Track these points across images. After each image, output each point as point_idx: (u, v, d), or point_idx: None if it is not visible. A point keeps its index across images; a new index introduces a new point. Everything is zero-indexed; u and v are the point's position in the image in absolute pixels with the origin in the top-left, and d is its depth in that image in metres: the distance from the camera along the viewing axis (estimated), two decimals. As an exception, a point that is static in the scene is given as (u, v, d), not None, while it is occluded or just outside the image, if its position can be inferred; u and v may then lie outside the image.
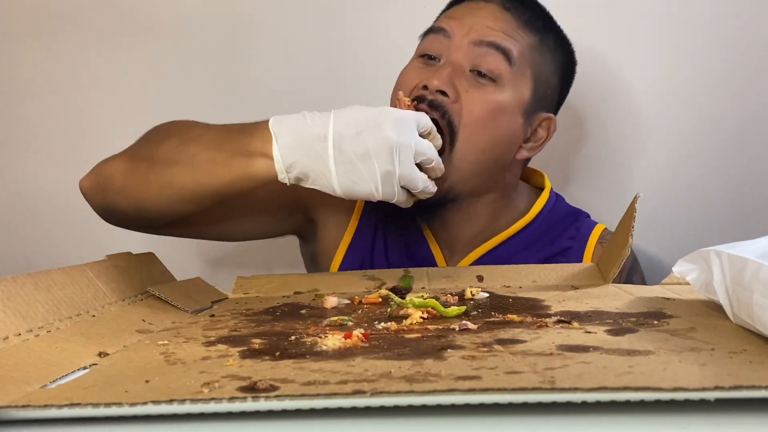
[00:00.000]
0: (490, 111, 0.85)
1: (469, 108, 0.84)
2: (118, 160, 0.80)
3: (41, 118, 1.25)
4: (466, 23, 0.87)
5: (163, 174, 0.75)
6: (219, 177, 0.73)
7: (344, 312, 0.66)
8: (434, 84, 0.82)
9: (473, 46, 0.86)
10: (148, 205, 0.77)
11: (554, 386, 0.36)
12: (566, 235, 0.95)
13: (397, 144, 0.69)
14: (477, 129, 0.84)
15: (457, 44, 0.86)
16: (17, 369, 0.43)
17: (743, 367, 0.40)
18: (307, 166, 0.71)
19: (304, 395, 0.36)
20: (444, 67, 0.85)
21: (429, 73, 0.85)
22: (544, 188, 0.98)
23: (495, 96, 0.85)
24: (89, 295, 0.61)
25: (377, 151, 0.69)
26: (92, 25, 1.23)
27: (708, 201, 1.16)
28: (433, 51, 0.88)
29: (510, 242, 0.94)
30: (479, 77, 0.85)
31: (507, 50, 0.85)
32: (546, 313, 0.60)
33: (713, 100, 1.14)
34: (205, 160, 0.73)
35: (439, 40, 0.87)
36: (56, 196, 1.25)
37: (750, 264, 0.48)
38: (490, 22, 0.87)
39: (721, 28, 1.13)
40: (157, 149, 0.77)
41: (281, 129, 0.71)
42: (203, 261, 1.24)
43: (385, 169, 0.69)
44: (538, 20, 0.90)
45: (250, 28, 1.21)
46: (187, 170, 0.74)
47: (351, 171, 0.70)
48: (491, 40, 0.85)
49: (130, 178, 0.77)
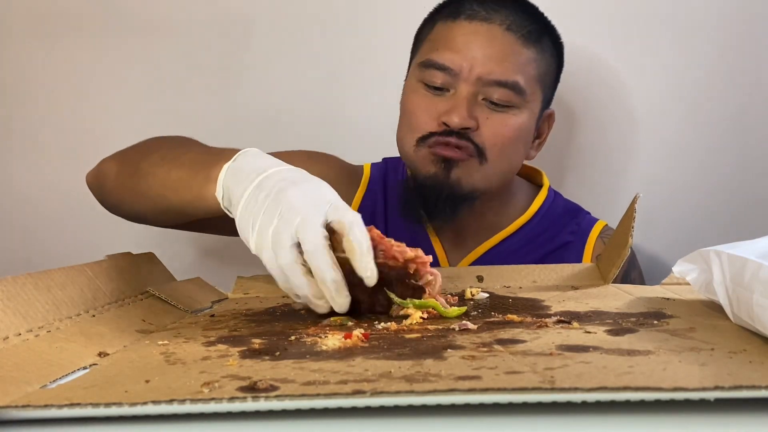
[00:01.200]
0: (512, 134, 0.87)
1: (492, 132, 0.86)
2: (112, 162, 0.83)
3: (41, 118, 1.25)
4: (468, 57, 0.86)
5: (140, 184, 0.76)
6: (180, 195, 0.70)
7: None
8: (456, 122, 0.84)
9: (481, 83, 0.86)
10: (129, 208, 0.80)
11: (554, 386, 0.36)
12: (567, 230, 0.96)
13: (303, 227, 0.57)
14: (502, 150, 0.87)
15: (465, 78, 0.86)
16: (17, 369, 0.43)
17: (743, 367, 0.40)
18: (232, 189, 0.64)
19: (304, 395, 0.36)
20: (460, 102, 0.85)
21: (443, 104, 0.86)
22: (543, 186, 1.00)
23: (514, 120, 0.87)
24: (89, 295, 0.61)
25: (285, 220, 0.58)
26: (92, 25, 1.23)
27: (708, 201, 1.16)
28: (439, 83, 0.87)
29: (511, 239, 0.95)
30: (493, 105, 0.87)
31: (515, 85, 0.86)
32: (546, 313, 0.60)
33: (714, 100, 1.14)
34: (175, 177, 0.71)
35: (443, 76, 0.87)
36: (56, 196, 1.25)
37: (750, 264, 0.48)
38: (494, 50, 0.86)
39: (719, 27, 1.13)
40: (143, 160, 0.78)
41: (241, 158, 0.66)
42: (203, 261, 1.24)
43: (280, 246, 0.58)
44: (536, 28, 0.89)
45: (250, 28, 1.21)
46: (159, 185, 0.73)
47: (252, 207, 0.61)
48: (498, 79, 0.86)
49: (117, 181, 0.80)
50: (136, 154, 0.82)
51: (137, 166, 0.77)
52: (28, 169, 1.26)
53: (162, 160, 0.75)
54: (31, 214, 1.26)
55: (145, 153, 0.80)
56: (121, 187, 0.80)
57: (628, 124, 1.16)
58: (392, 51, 1.17)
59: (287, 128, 1.22)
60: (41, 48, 1.24)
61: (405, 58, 0.96)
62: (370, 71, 1.19)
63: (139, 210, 0.79)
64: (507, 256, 0.93)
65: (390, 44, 1.17)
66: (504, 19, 0.87)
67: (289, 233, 0.58)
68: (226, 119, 1.22)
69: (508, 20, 0.87)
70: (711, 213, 1.16)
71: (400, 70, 0.98)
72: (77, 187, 1.24)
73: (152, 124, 1.24)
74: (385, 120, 1.02)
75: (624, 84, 1.16)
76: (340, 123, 1.21)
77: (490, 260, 0.94)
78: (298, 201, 0.59)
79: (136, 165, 0.78)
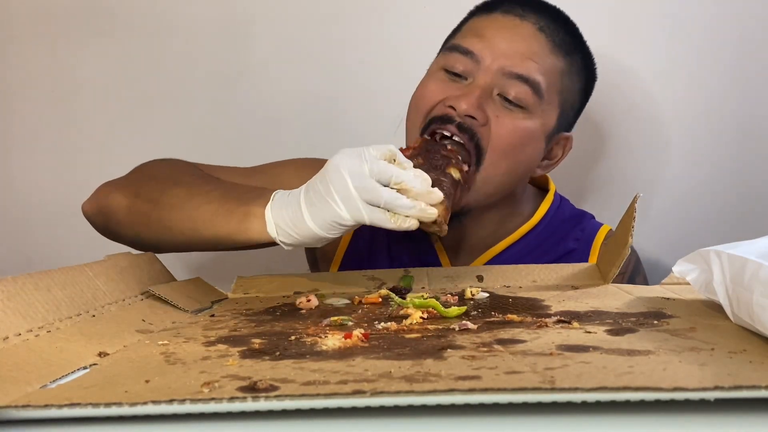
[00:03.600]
0: (519, 137, 0.84)
1: (498, 133, 0.82)
2: (120, 195, 0.82)
3: (41, 118, 1.25)
4: (496, 48, 0.84)
5: (163, 218, 0.76)
6: (215, 229, 0.73)
7: (344, 312, 0.66)
8: (463, 108, 0.81)
9: (502, 74, 0.83)
10: (147, 241, 0.80)
11: (554, 386, 0.36)
12: (571, 237, 0.94)
13: (342, 164, 0.65)
14: (504, 154, 0.83)
15: (486, 68, 0.83)
16: (17, 369, 0.43)
17: (743, 367, 0.40)
18: (286, 217, 0.69)
19: (304, 395, 0.36)
20: (472, 90, 0.82)
21: (455, 91, 0.83)
22: (549, 190, 0.98)
23: (524, 123, 0.84)
24: (89, 295, 0.61)
25: (331, 178, 0.66)
26: (92, 25, 1.23)
27: (708, 201, 1.16)
28: (459, 69, 0.84)
29: (515, 246, 0.94)
30: (507, 102, 0.83)
31: (536, 83, 0.83)
32: (546, 313, 0.60)
33: (715, 101, 1.14)
34: (207, 210, 0.74)
35: (466, 61, 0.84)
36: (56, 196, 1.25)
37: (750, 264, 0.48)
38: (522, 45, 0.84)
39: (725, 33, 1.13)
40: (163, 194, 0.78)
41: (279, 196, 0.71)
42: (203, 261, 1.24)
43: (341, 188, 0.65)
44: (569, 40, 0.88)
45: (250, 28, 1.21)
46: (187, 219, 0.75)
47: (318, 206, 0.67)
48: (521, 73, 0.83)
49: (132, 216, 0.80)
50: (146, 186, 0.81)
51: (157, 201, 0.78)
52: (28, 169, 1.26)
53: (189, 196, 0.76)
54: (31, 214, 1.26)
55: (162, 187, 0.79)
56: (136, 222, 0.79)
57: (628, 124, 1.16)
58: (392, 51, 1.17)
59: (287, 129, 1.22)
60: (41, 48, 1.24)
61: (406, 59, 0.96)
62: (371, 72, 1.19)
63: (162, 241, 0.79)
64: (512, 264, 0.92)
65: (390, 45, 1.18)
66: (539, 20, 0.86)
67: (365, 174, 0.65)
68: (226, 119, 1.22)
69: (543, 22, 0.86)
70: (711, 213, 1.16)
71: (400, 70, 0.98)
72: (77, 188, 1.24)
73: (152, 124, 1.24)
74: (385, 121, 1.02)
75: (624, 84, 1.16)
76: (340, 124, 1.21)
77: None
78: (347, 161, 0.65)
79: (156, 200, 0.78)
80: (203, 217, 0.74)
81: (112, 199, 0.82)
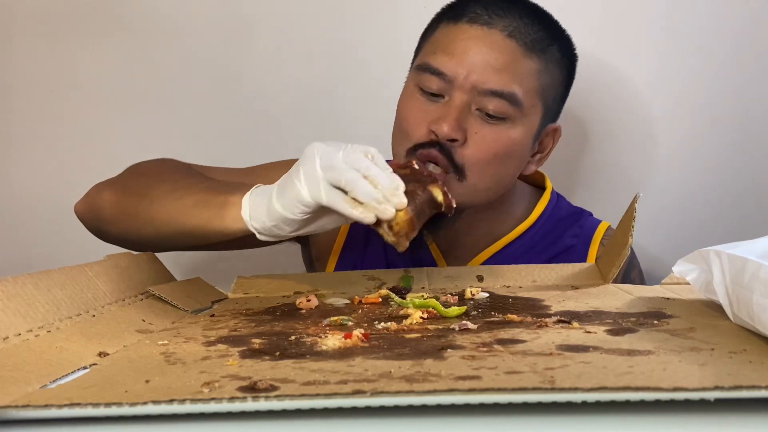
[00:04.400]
0: (502, 147, 0.83)
1: (478, 148, 0.82)
2: (108, 191, 0.82)
3: (41, 118, 1.25)
4: (465, 64, 0.82)
5: (148, 210, 0.76)
6: (194, 219, 0.72)
7: (344, 312, 0.66)
8: (444, 132, 0.80)
9: (476, 92, 0.82)
10: (132, 236, 0.80)
11: (554, 386, 0.36)
12: (569, 234, 0.94)
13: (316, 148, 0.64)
14: (487, 164, 0.83)
15: (459, 86, 0.82)
16: (17, 369, 0.43)
17: (743, 367, 0.40)
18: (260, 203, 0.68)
19: (304, 395, 0.36)
20: (451, 111, 0.81)
21: (435, 112, 0.83)
22: (545, 188, 0.98)
23: (507, 133, 0.83)
24: (89, 295, 0.61)
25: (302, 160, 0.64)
26: (92, 25, 1.23)
27: (708, 201, 1.16)
28: (434, 89, 0.84)
29: (512, 246, 0.93)
30: (487, 117, 0.82)
31: (512, 96, 0.82)
32: (546, 313, 0.61)
33: (714, 101, 1.14)
34: (189, 202, 0.73)
35: (438, 81, 0.83)
36: (56, 196, 1.25)
37: (750, 264, 0.48)
38: (492, 57, 0.82)
39: (723, 31, 1.13)
40: (149, 188, 0.78)
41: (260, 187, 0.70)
42: (203, 261, 1.24)
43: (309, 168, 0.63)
44: (542, 36, 0.85)
45: (250, 28, 1.21)
46: (169, 211, 0.74)
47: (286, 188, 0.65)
48: (494, 89, 0.81)
49: (118, 210, 0.80)
50: (134, 181, 0.82)
51: (143, 194, 0.78)
52: (28, 169, 1.26)
53: (174, 189, 0.76)
54: (31, 214, 1.26)
55: (149, 182, 0.80)
56: (122, 217, 0.79)
57: (628, 124, 1.16)
58: (392, 52, 1.17)
59: (286, 129, 1.22)
60: (41, 48, 1.24)
61: (405, 59, 0.96)
62: (370, 72, 1.19)
63: (146, 235, 0.78)
64: (509, 263, 0.91)
65: (390, 45, 1.18)
66: (507, 25, 0.83)
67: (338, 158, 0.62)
68: (225, 119, 1.22)
69: (512, 26, 0.83)
70: (711, 213, 1.16)
71: (400, 71, 0.98)
72: (77, 188, 1.24)
73: (152, 124, 1.24)
74: (384, 121, 1.01)
75: (624, 85, 1.16)
76: (339, 124, 1.21)
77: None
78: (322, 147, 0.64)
79: (142, 193, 0.78)
80: (184, 208, 0.73)
81: (101, 196, 0.82)
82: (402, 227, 0.62)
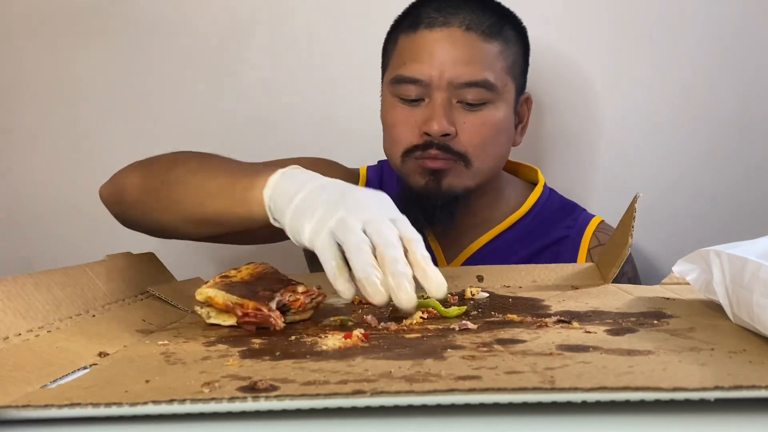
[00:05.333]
0: (491, 128, 0.89)
1: (471, 135, 0.87)
2: (133, 174, 0.81)
3: (41, 117, 1.25)
4: (435, 65, 0.86)
5: (171, 193, 0.75)
6: (219, 202, 0.71)
7: (344, 312, 0.66)
8: (436, 130, 0.85)
9: (453, 87, 0.87)
10: (155, 220, 0.79)
11: (554, 386, 0.36)
12: (562, 225, 0.97)
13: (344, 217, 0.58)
14: (484, 147, 0.89)
15: (436, 86, 0.87)
16: (17, 369, 0.43)
17: (743, 367, 0.40)
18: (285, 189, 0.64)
19: (304, 395, 0.36)
20: (437, 110, 0.86)
21: (421, 115, 0.87)
22: (538, 183, 1.01)
23: (491, 115, 0.88)
24: (89, 295, 0.61)
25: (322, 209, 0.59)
26: (92, 25, 1.23)
27: (708, 201, 1.16)
28: (413, 95, 0.88)
29: (505, 234, 0.96)
30: (469, 106, 0.87)
31: (485, 82, 0.87)
32: (546, 313, 0.61)
33: (714, 100, 1.14)
34: (213, 185, 0.72)
35: (416, 88, 0.88)
36: (56, 196, 1.25)
37: (750, 264, 0.48)
38: (458, 53, 0.86)
39: (719, 26, 1.13)
40: (172, 171, 0.77)
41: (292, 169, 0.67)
42: (203, 261, 1.24)
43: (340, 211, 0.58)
44: (495, 20, 0.89)
45: (249, 28, 1.21)
46: (193, 193, 0.73)
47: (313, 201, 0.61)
48: (469, 80, 0.86)
49: (143, 193, 0.79)
50: (160, 165, 0.80)
51: (165, 176, 0.77)
52: (27, 169, 1.26)
53: (197, 170, 0.75)
54: (31, 214, 1.26)
55: (172, 164, 0.79)
56: (147, 199, 0.78)
57: (629, 124, 1.16)
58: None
59: (284, 130, 1.22)
60: (41, 48, 1.24)
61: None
62: (368, 73, 1.19)
63: (168, 221, 0.76)
64: (502, 252, 0.95)
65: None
66: (462, 20, 0.87)
67: (359, 220, 0.57)
68: (224, 120, 1.22)
69: (467, 20, 0.87)
70: (711, 213, 1.16)
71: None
72: (77, 187, 1.25)
73: (152, 124, 1.24)
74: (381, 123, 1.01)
75: (624, 84, 1.16)
76: (337, 125, 1.21)
77: (486, 255, 0.95)
78: (366, 200, 0.59)
79: (164, 176, 0.77)
80: (209, 190, 0.72)
81: (125, 178, 0.82)
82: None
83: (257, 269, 0.66)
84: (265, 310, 0.58)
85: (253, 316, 0.58)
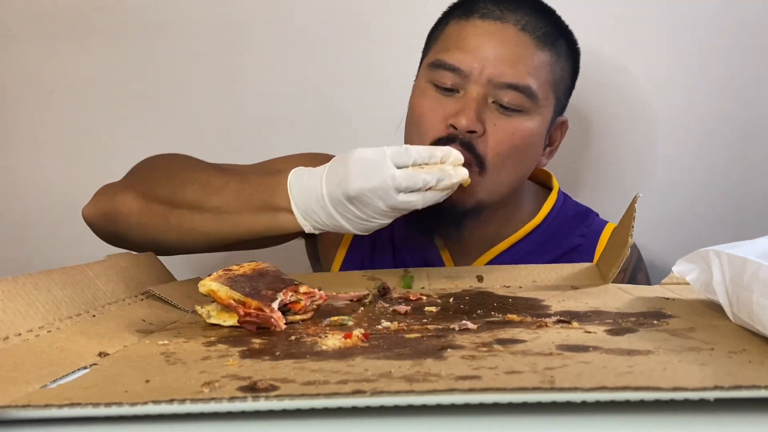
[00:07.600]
0: (520, 139, 0.84)
1: (498, 140, 0.82)
2: (129, 196, 0.80)
3: (41, 118, 1.25)
4: (482, 58, 0.82)
5: (186, 220, 0.77)
6: (245, 228, 0.76)
7: (344, 312, 0.66)
8: (463, 125, 0.81)
9: (492, 85, 0.82)
10: (168, 244, 0.80)
11: (554, 386, 0.36)
12: (576, 233, 0.94)
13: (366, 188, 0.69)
14: (507, 156, 0.83)
15: (475, 80, 0.82)
16: (17, 369, 0.43)
17: (743, 367, 0.40)
18: (324, 222, 0.74)
19: (304, 395, 0.36)
20: (469, 104, 0.82)
21: (451, 106, 0.83)
22: (552, 188, 0.98)
23: (524, 125, 0.84)
24: (89, 295, 0.61)
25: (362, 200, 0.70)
26: (92, 25, 1.23)
27: (708, 201, 1.16)
28: (449, 84, 0.83)
29: (520, 245, 0.93)
30: (503, 108, 0.83)
31: (527, 88, 0.82)
32: (546, 313, 0.61)
33: (716, 101, 1.14)
34: (232, 212, 0.75)
35: (454, 77, 0.83)
36: (56, 196, 1.25)
37: (750, 264, 0.48)
38: (507, 51, 0.82)
39: (726, 30, 1.13)
40: (176, 194, 0.78)
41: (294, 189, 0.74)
42: (203, 261, 1.24)
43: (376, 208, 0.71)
44: (552, 30, 0.86)
45: (249, 29, 1.21)
46: (213, 220, 0.76)
47: (358, 218, 0.72)
48: (510, 82, 0.82)
49: (147, 218, 0.79)
50: (157, 185, 0.80)
51: (171, 201, 0.77)
52: (27, 169, 1.26)
53: (205, 194, 0.77)
54: (31, 214, 1.26)
55: (172, 186, 0.79)
56: (152, 224, 0.78)
57: (629, 123, 1.16)
58: (391, 52, 1.17)
59: (286, 129, 1.22)
60: (41, 48, 1.24)
61: (404, 59, 0.96)
62: (369, 72, 1.19)
63: (180, 244, 0.79)
64: (516, 262, 0.91)
65: (389, 45, 1.18)
66: (519, 19, 0.84)
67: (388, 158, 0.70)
68: (225, 119, 1.23)
69: (524, 20, 0.84)
70: (711, 213, 1.16)
71: (399, 70, 0.98)
72: (77, 188, 1.24)
73: (152, 124, 1.24)
74: (383, 121, 1.02)
75: (625, 85, 1.16)
76: (338, 124, 1.21)
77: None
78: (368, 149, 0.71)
79: (169, 200, 0.78)
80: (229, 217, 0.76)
81: (120, 201, 0.80)
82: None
83: (259, 266, 0.66)
84: (267, 310, 0.58)
85: (255, 316, 0.58)
